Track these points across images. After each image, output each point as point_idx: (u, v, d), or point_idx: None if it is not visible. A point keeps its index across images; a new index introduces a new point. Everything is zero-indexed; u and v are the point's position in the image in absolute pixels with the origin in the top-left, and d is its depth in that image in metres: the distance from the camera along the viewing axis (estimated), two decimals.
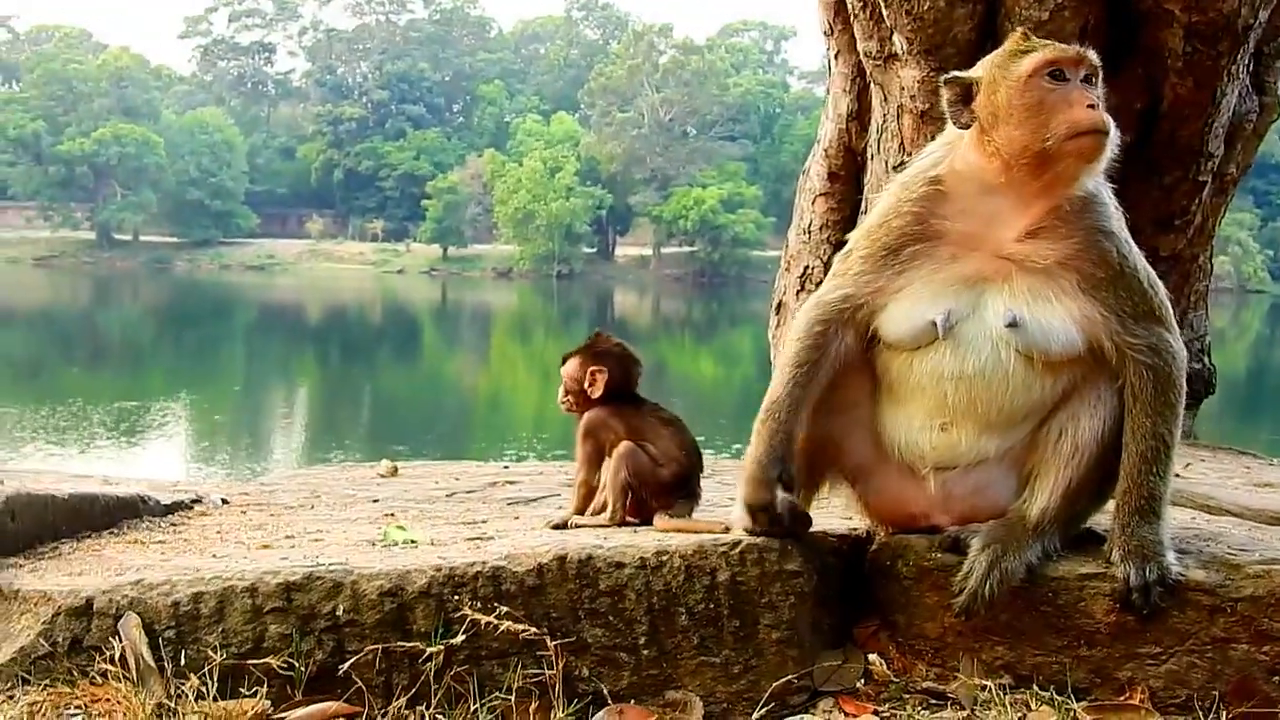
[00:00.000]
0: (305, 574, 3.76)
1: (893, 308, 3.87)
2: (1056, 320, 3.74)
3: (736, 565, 3.81)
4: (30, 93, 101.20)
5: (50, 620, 3.76)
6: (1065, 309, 3.75)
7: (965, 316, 3.78)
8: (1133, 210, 6.43)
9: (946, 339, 3.77)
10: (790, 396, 3.92)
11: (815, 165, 7.64)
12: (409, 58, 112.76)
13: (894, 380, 3.91)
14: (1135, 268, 3.81)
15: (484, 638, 3.72)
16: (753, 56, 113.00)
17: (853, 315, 3.92)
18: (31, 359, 41.63)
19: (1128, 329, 3.74)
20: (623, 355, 4.52)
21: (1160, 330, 3.79)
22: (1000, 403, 3.78)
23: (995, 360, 3.75)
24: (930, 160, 4.01)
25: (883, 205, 4.02)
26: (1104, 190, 3.89)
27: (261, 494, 5.82)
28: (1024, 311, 3.73)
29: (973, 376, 3.76)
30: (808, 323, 3.97)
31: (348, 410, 32.25)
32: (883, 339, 3.91)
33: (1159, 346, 3.76)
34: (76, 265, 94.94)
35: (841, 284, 3.96)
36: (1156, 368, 3.74)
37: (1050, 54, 3.75)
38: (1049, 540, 3.78)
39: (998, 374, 3.75)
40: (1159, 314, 3.81)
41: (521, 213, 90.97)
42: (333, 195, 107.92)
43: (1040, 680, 3.72)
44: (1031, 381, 3.77)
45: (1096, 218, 3.81)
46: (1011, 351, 3.74)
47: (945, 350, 3.78)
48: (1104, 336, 3.75)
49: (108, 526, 4.85)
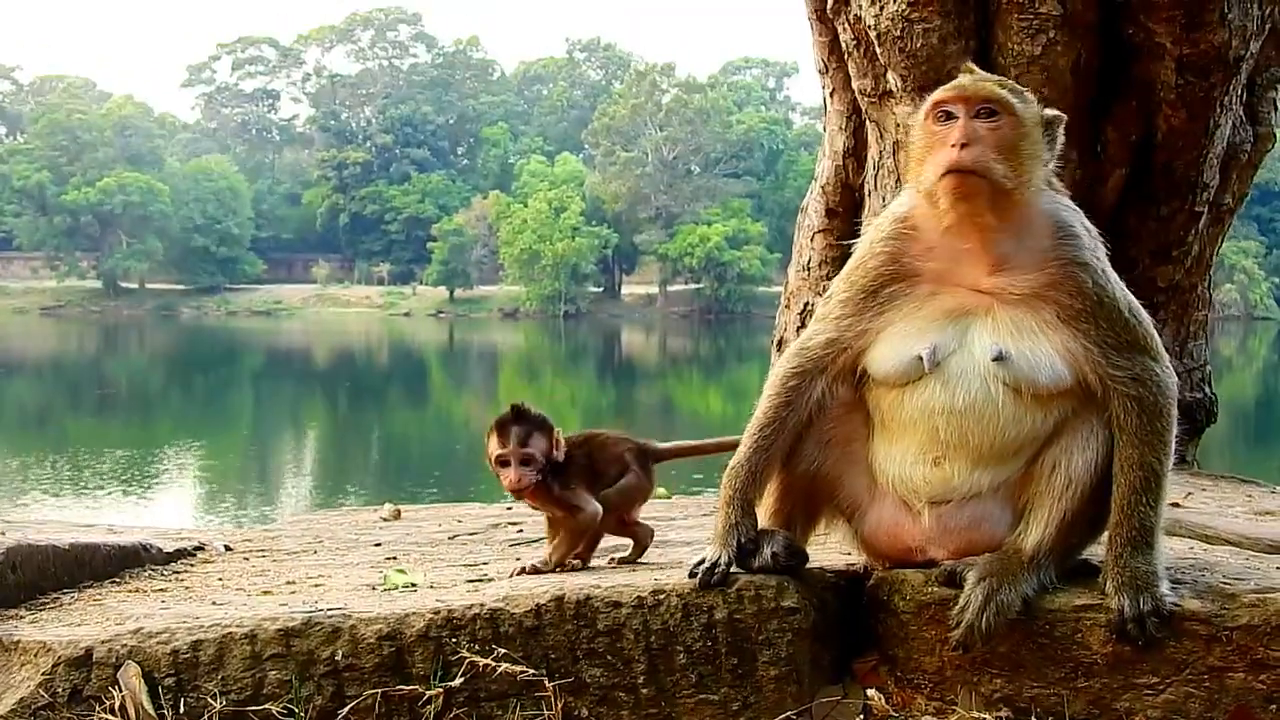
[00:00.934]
0: (304, 619, 3.78)
1: (878, 346, 3.90)
2: (1042, 353, 3.75)
3: (734, 603, 3.81)
4: (35, 143, 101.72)
5: (50, 671, 3.77)
6: (1049, 341, 3.76)
7: (951, 351, 3.80)
8: (1130, 241, 6.54)
9: (934, 374, 3.79)
10: (750, 463, 4.00)
11: (813, 202, 7.68)
12: (412, 101, 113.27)
13: (886, 416, 3.94)
14: (1114, 297, 3.81)
15: (483, 679, 3.73)
16: (755, 93, 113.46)
17: (836, 359, 3.97)
18: (39, 408, 41.70)
19: (1110, 360, 3.76)
20: None
21: (1144, 359, 3.80)
22: (992, 436, 3.80)
23: (985, 394, 3.76)
24: (899, 201, 4.06)
25: (859, 249, 4.07)
26: (1077, 220, 3.91)
27: (265, 540, 5.83)
28: (1009, 344, 3.75)
29: (963, 411, 3.78)
30: (783, 376, 4.03)
31: (356, 454, 32.26)
32: (871, 376, 3.93)
33: (1143, 376, 3.77)
34: (83, 314, 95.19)
35: (823, 329, 4.01)
36: (1141, 398, 3.75)
37: (937, 94, 3.83)
38: (1045, 573, 3.79)
39: (988, 408, 3.77)
40: (1143, 343, 3.82)
41: (527, 253, 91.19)
42: (338, 239, 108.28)
43: (1038, 712, 3.72)
44: (1021, 415, 3.78)
45: (1069, 249, 3.82)
46: (1000, 385, 3.76)
47: (934, 385, 3.80)
48: (1087, 369, 3.76)
49: (110, 575, 4.87)
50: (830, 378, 3.99)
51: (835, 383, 4.00)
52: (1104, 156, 6.42)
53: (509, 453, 4.31)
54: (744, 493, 3.96)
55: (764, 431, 3.99)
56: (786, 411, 3.98)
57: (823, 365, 3.97)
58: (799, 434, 4.02)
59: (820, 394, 4.00)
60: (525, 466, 4.31)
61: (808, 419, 4.02)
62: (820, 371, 3.97)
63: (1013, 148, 3.75)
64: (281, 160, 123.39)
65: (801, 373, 3.98)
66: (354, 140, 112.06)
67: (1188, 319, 7.30)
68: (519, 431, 4.35)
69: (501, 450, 4.33)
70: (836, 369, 3.98)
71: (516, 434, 4.34)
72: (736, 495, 3.96)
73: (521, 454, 4.31)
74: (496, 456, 4.34)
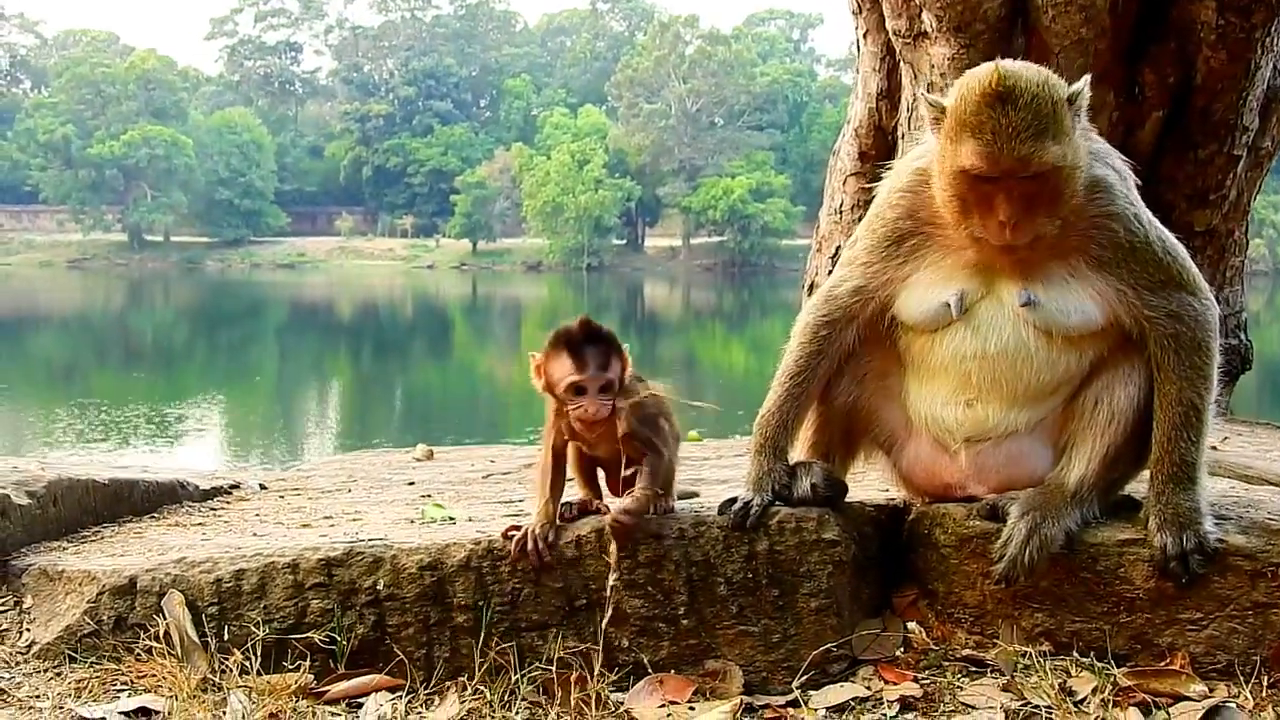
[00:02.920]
0: (345, 549, 3.80)
1: (905, 294, 3.87)
2: (1072, 297, 3.72)
3: (774, 535, 3.81)
4: (60, 97, 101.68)
5: (95, 599, 3.81)
6: (1079, 286, 3.73)
7: (979, 298, 3.77)
8: (1167, 185, 6.48)
9: (963, 320, 3.76)
10: (781, 411, 3.99)
11: (846, 145, 7.62)
12: (435, 54, 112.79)
13: (917, 359, 3.92)
14: (1147, 240, 3.76)
15: (523, 610, 3.74)
16: (779, 45, 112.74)
17: (864, 306, 3.94)
18: (67, 361, 41.89)
19: (1144, 300, 3.72)
20: None
21: (1181, 295, 3.75)
22: (1025, 379, 3.78)
23: (1016, 339, 3.74)
24: (917, 152, 3.99)
25: (878, 198, 4.02)
26: (1108, 169, 3.83)
27: (299, 479, 5.86)
28: (1039, 291, 3.71)
29: (995, 355, 3.76)
30: (813, 324, 4.00)
31: (381, 405, 32.34)
32: (901, 322, 3.91)
33: (1179, 312, 3.73)
34: (109, 267, 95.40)
35: (850, 275, 3.96)
36: (1179, 334, 3.72)
37: (975, 164, 3.56)
38: (1088, 507, 3.77)
39: (1020, 352, 3.74)
40: (1180, 279, 3.77)
41: (550, 206, 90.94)
42: (361, 192, 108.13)
43: (1080, 647, 3.72)
44: (1055, 357, 3.76)
45: (1099, 204, 3.75)
46: (1030, 328, 3.73)
47: (964, 332, 3.78)
48: (1121, 310, 3.73)
49: (148, 511, 4.92)
50: (861, 324, 3.97)
51: (866, 328, 3.98)
52: (1142, 99, 6.34)
53: (586, 379, 3.74)
54: (775, 440, 3.96)
55: (795, 379, 3.98)
56: (818, 360, 3.97)
57: (852, 314, 3.94)
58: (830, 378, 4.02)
59: (851, 340, 3.99)
60: (604, 394, 3.75)
61: (838, 366, 4.01)
62: (850, 320, 3.95)
63: (1060, 194, 3.64)
64: (304, 113, 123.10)
65: (831, 321, 3.96)
66: (377, 93, 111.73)
67: (1224, 265, 7.23)
68: (597, 354, 3.77)
69: (578, 376, 3.74)
70: (866, 316, 3.95)
71: (595, 357, 3.76)
72: (768, 443, 3.96)
73: (603, 380, 3.76)
74: (571, 384, 3.75)
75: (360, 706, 3.56)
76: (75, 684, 3.64)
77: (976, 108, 3.56)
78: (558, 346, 3.80)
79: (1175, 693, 3.52)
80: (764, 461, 3.92)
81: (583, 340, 3.78)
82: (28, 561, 4.14)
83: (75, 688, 3.62)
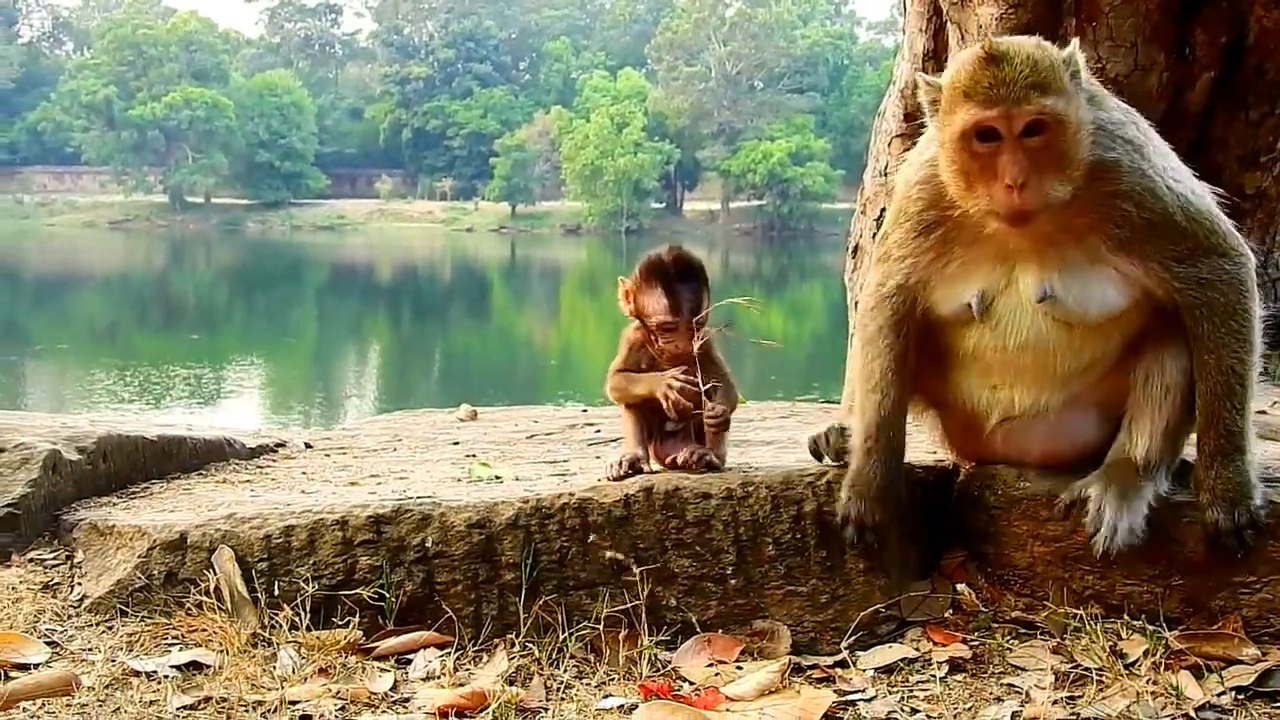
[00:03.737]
0: (394, 507, 3.81)
1: (936, 290, 3.77)
2: (1094, 285, 3.61)
3: (823, 496, 3.80)
4: (102, 58, 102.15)
5: (146, 554, 3.84)
6: (1099, 271, 3.61)
7: (999, 292, 3.68)
8: (1217, 146, 6.40)
9: (985, 318, 3.69)
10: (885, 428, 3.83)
11: (891, 106, 7.55)
12: (475, 16, 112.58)
13: (948, 344, 3.85)
14: (1167, 212, 3.60)
15: (571, 568, 3.75)
16: (820, 7, 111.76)
17: (910, 299, 3.82)
18: (110, 321, 42.22)
19: (1171, 272, 3.59)
20: None
21: (1211, 260, 3.63)
22: (1050, 369, 3.71)
23: (1036, 333, 3.65)
24: (924, 143, 3.87)
25: (899, 190, 3.90)
26: (1117, 144, 3.64)
27: (344, 438, 5.89)
28: (1055, 283, 3.60)
29: (1017, 349, 3.68)
30: (877, 334, 3.87)
31: (420, 366, 32.51)
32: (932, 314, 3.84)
33: (1211, 279, 3.61)
34: (150, 228, 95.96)
35: (891, 272, 3.84)
36: (1211, 301, 3.60)
37: (974, 115, 3.43)
38: (1159, 481, 3.70)
39: (1041, 345, 3.66)
40: (1209, 242, 3.64)
41: (589, 169, 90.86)
42: (401, 155, 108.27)
43: (1131, 609, 3.67)
44: (1078, 345, 3.67)
45: (1109, 184, 3.58)
46: (1050, 321, 3.64)
47: (984, 329, 3.70)
48: (1150, 284, 3.62)
49: (196, 468, 4.97)
50: (914, 317, 3.85)
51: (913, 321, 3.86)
52: (1192, 59, 6.26)
53: (680, 321, 3.89)
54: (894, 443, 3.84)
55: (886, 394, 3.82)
56: (898, 365, 3.84)
57: (902, 312, 3.83)
58: None
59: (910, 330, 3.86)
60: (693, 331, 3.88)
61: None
62: (905, 318, 3.83)
63: (1066, 153, 3.48)
64: (345, 75, 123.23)
65: (894, 325, 3.84)
66: (416, 55, 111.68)
67: (1274, 228, 7.14)
68: (689, 292, 3.91)
69: (671, 318, 3.89)
70: (916, 309, 3.84)
71: (688, 296, 3.91)
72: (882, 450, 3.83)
73: (694, 319, 3.89)
74: (662, 324, 3.91)
75: (409, 662, 3.58)
76: (127, 637, 3.67)
77: (970, 71, 3.45)
78: (651, 280, 3.92)
79: (1227, 656, 3.48)
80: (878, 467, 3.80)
81: (677, 277, 3.91)
82: (78, 516, 4.18)
83: (127, 641, 3.65)
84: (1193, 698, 3.26)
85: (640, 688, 3.36)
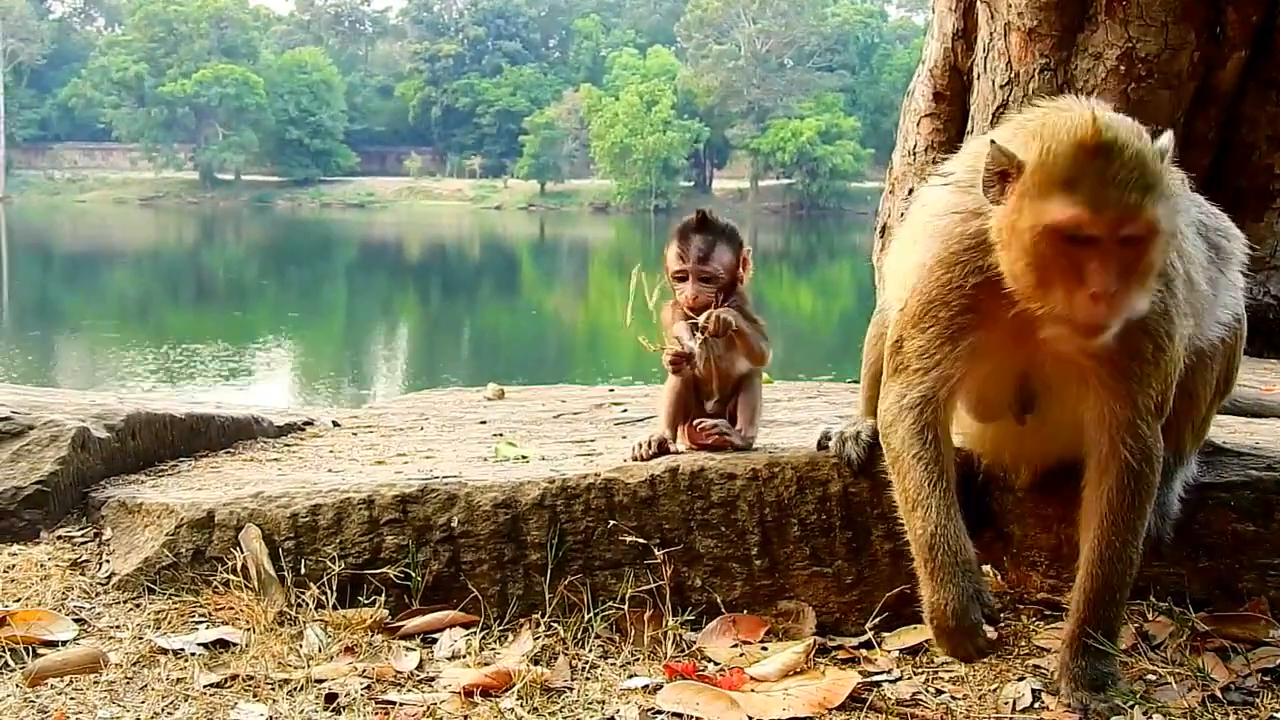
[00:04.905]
0: (420, 486, 3.82)
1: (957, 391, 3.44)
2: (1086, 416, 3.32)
3: (848, 477, 3.79)
4: (133, 35, 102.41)
5: (173, 532, 3.86)
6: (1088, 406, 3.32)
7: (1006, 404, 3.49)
8: (1247, 126, 6.36)
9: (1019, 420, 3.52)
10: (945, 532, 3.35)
11: (920, 86, 7.52)
12: None
13: None
14: (1166, 358, 3.28)
15: (597, 548, 3.75)
16: None
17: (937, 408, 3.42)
18: (141, 298, 42.42)
19: (1132, 430, 3.27)
20: None
21: (1156, 430, 3.33)
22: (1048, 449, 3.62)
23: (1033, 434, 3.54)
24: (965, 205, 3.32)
25: (927, 276, 3.38)
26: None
27: (371, 417, 5.90)
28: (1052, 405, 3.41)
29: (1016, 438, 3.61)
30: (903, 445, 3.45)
31: (449, 344, 32.57)
32: None
33: (1149, 453, 3.30)
34: (181, 205, 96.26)
35: (915, 383, 3.42)
36: (1142, 475, 3.29)
37: (1077, 216, 2.94)
38: (1186, 468, 3.69)
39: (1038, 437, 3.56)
40: (1161, 409, 3.34)
41: (618, 147, 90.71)
42: (431, 132, 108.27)
43: (1157, 591, 3.66)
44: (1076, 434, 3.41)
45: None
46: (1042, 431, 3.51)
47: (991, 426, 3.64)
48: (1109, 431, 3.30)
49: (224, 446, 4.99)
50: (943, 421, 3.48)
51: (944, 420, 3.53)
52: (1223, 38, 6.22)
53: (687, 268, 3.94)
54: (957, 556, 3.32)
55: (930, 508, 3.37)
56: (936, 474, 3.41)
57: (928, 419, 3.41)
58: None
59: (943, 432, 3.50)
60: (704, 284, 3.93)
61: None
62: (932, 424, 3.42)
63: (1154, 264, 3.05)
64: (374, 53, 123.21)
65: (918, 434, 3.42)
66: (446, 32, 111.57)
67: None
68: (703, 243, 3.96)
69: (680, 265, 3.95)
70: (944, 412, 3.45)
71: (698, 245, 3.95)
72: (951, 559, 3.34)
73: (704, 270, 3.94)
74: (675, 272, 3.98)
75: (435, 641, 3.60)
76: (154, 615, 3.70)
77: (1073, 160, 2.97)
78: (672, 236, 4.03)
79: (1254, 638, 3.48)
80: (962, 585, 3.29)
81: (693, 229, 4.00)
82: (107, 494, 4.21)
83: (154, 618, 3.68)
84: (1218, 679, 3.26)
85: (665, 668, 3.37)
